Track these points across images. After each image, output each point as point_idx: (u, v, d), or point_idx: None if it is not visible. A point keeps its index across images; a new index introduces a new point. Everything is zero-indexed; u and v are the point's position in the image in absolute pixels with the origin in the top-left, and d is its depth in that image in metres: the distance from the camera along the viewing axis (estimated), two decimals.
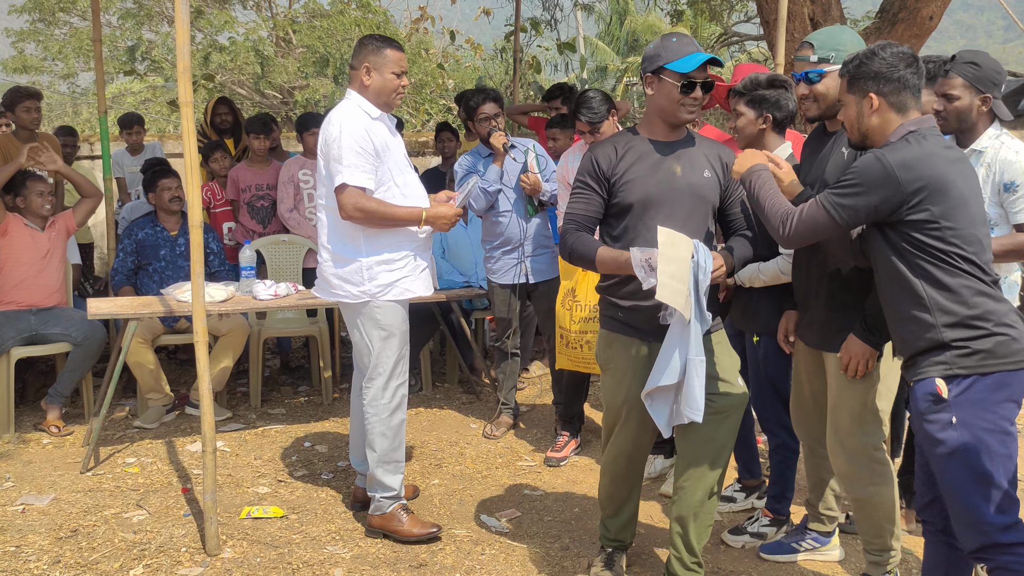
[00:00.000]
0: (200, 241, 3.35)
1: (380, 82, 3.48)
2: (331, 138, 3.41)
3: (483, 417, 5.22)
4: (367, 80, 3.48)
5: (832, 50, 2.97)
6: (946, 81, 3.24)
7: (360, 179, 3.38)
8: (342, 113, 3.47)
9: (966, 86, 3.20)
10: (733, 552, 3.57)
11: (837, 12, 6.84)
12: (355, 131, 3.39)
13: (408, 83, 3.55)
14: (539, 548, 3.57)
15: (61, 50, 17.04)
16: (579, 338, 4.30)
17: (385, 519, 3.60)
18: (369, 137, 3.42)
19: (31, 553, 3.41)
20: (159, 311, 4.34)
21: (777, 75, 3.49)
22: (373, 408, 3.57)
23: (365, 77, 3.48)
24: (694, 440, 2.99)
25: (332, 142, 3.40)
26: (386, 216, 3.47)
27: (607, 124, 4.25)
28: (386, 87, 3.49)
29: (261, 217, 5.93)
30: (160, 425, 4.94)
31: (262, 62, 15.82)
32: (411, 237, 3.56)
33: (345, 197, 3.38)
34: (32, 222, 4.98)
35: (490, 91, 4.86)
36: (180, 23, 3.16)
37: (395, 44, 3.52)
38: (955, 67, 3.22)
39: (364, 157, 3.40)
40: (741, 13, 13.47)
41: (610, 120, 4.27)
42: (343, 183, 3.37)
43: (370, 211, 3.41)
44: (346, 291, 3.52)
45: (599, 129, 4.25)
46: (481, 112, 4.73)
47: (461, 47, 16.60)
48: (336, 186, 3.40)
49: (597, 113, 4.22)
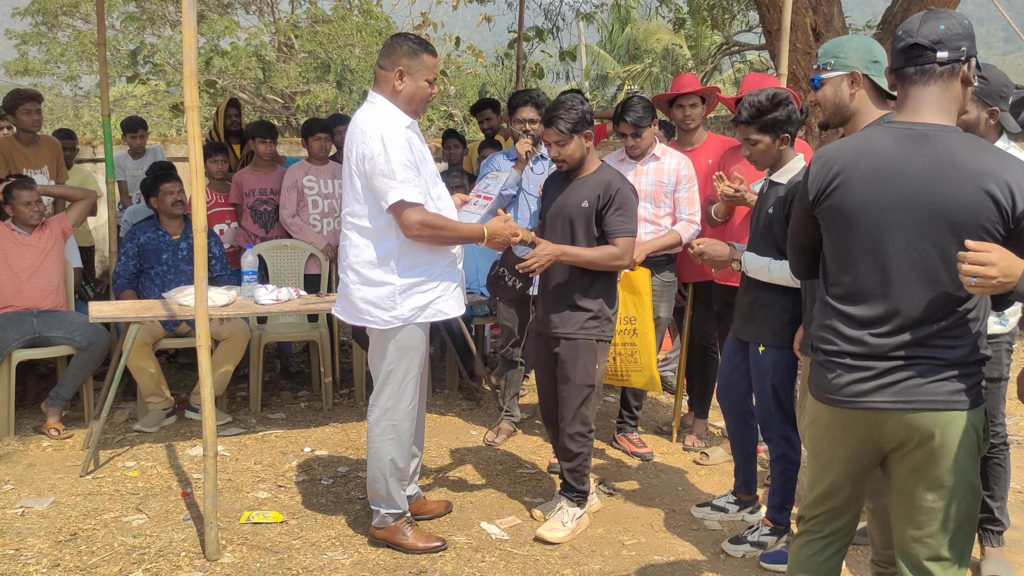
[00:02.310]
0: (204, 245, 3.32)
1: (413, 88, 3.31)
2: (374, 152, 3.20)
3: (483, 424, 5.22)
4: (399, 85, 3.30)
5: (832, 56, 2.96)
6: None
7: (416, 195, 3.21)
8: (379, 123, 3.25)
9: (973, 100, 3.18)
10: (733, 562, 3.57)
11: (839, 23, 6.87)
12: (400, 142, 3.21)
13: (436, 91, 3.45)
14: (539, 555, 3.56)
15: (64, 53, 17.06)
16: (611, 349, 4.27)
17: (389, 532, 3.56)
18: (411, 147, 3.26)
19: (30, 556, 3.40)
20: (161, 315, 4.34)
21: (776, 91, 3.47)
22: (382, 423, 3.46)
23: (397, 82, 3.29)
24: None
25: (377, 156, 3.19)
26: (452, 233, 3.33)
27: (648, 131, 4.40)
28: (418, 94, 3.32)
29: (264, 222, 5.93)
30: (160, 429, 4.93)
31: (264, 67, 15.83)
32: (443, 255, 3.40)
33: (408, 215, 3.20)
34: (20, 228, 4.97)
35: (535, 94, 4.79)
36: (187, 27, 3.16)
37: (431, 49, 3.35)
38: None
39: (413, 170, 3.23)
40: (743, 23, 13.51)
41: (651, 128, 4.41)
42: (401, 199, 3.18)
43: (438, 227, 3.26)
44: (374, 316, 3.35)
45: (641, 134, 4.38)
46: (519, 114, 4.71)
47: (463, 53, 16.64)
48: (392, 204, 3.20)
49: (643, 117, 4.35)
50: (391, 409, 3.44)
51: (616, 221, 3.59)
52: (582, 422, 3.71)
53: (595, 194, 3.61)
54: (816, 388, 2.30)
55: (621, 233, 3.59)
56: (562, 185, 3.75)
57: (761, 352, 3.55)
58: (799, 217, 2.33)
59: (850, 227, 2.18)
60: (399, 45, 3.31)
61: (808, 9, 6.63)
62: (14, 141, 5.72)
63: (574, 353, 3.67)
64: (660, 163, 4.48)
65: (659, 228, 4.49)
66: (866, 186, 2.14)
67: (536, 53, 13.09)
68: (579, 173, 3.71)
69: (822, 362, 2.26)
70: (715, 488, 4.32)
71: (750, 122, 3.43)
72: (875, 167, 2.14)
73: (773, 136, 3.44)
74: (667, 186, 4.46)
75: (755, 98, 3.44)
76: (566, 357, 3.69)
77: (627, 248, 3.60)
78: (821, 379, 2.27)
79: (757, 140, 3.45)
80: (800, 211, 2.32)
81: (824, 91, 2.95)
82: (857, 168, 2.16)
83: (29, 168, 5.64)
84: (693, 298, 4.79)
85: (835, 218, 2.20)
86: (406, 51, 3.30)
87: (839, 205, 2.18)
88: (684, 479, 4.44)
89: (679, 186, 4.47)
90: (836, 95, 2.88)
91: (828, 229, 2.24)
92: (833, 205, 2.19)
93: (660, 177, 4.46)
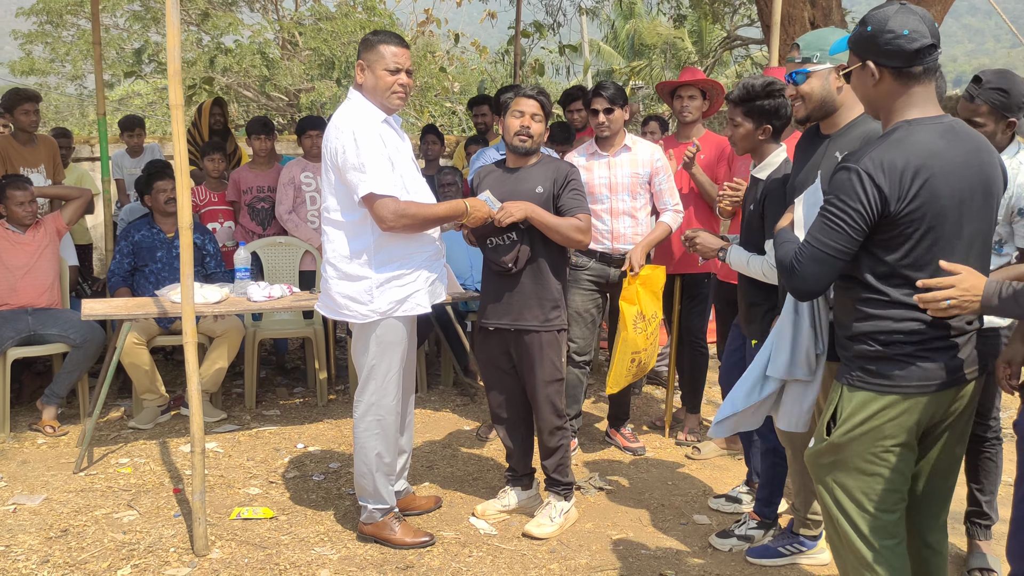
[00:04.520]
0: (190, 242, 3.35)
1: (373, 80, 3.31)
2: (344, 146, 3.21)
3: (477, 419, 5.23)
4: (360, 78, 3.33)
5: (817, 50, 2.93)
6: (971, 107, 3.14)
7: (388, 187, 3.20)
8: (349, 118, 3.28)
9: (990, 114, 3.13)
10: (720, 556, 3.57)
11: (838, 16, 6.84)
12: (370, 137, 3.22)
13: (409, 82, 3.37)
14: (527, 550, 3.57)
15: (68, 52, 17.15)
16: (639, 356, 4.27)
17: (377, 527, 3.58)
18: (383, 141, 3.27)
19: (20, 552, 3.43)
20: (153, 312, 4.36)
21: (773, 81, 3.42)
22: (367, 418, 3.47)
23: (360, 75, 3.33)
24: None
25: (348, 150, 3.21)
26: (429, 217, 3.33)
27: (619, 112, 4.37)
28: (379, 85, 3.30)
29: (261, 219, 5.95)
30: (155, 426, 4.96)
31: (268, 65, 15.87)
32: (422, 248, 3.42)
33: (380, 207, 3.20)
34: (14, 226, 5.00)
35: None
36: (171, 27, 3.18)
37: (392, 38, 3.33)
38: (982, 92, 3.12)
39: (385, 164, 3.23)
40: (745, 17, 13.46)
41: (623, 111, 4.38)
42: (371, 192, 3.19)
43: (412, 215, 3.25)
44: (353, 311, 3.37)
45: (612, 111, 4.35)
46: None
47: (466, 49, 16.64)
48: (363, 196, 3.21)
49: (616, 96, 4.34)
50: (376, 404, 3.45)
51: (575, 199, 3.62)
52: (557, 415, 3.69)
53: (549, 179, 3.62)
54: (900, 383, 2.28)
55: (582, 209, 3.62)
56: (505, 176, 3.71)
57: (754, 346, 3.56)
58: (854, 232, 2.24)
59: (941, 220, 2.23)
60: (362, 41, 3.37)
61: (806, 2, 6.60)
62: (11, 140, 5.74)
63: (539, 347, 3.63)
64: (632, 154, 4.45)
65: (637, 221, 4.46)
66: (950, 178, 2.22)
67: (537, 49, 13.07)
68: (524, 162, 3.70)
69: (908, 355, 2.27)
70: (708, 482, 4.32)
71: (738, 103, 3.42)
72: (944, 160, 2.21)
73: (756, 123, 3.41)
74: (642, 177, 4.43)
75: (752, 81, 3.42)
76: (532, 352, 3.64)
77: (589, 224, 3.63)
78: (909, 373, 2.28)
79: (740, 123, 3.44)
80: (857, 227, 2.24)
81: (811, 84, 2.91)
82: (933, 164, 2.21)
83: (26, 167, 5.66)
84: (681, 293, 4.78)
85: (925, 215, 2.22)
86: (365, 45, 3.35)
87: (931, 202, 2.21)
88: (676, 473, 4.44)
89: (656, 177, 4.45)
90: (823, 88, 2.87)
91: (913, 228, 2.24)
92: (925, 203, 2.21)
93: (635, 168, 4.43)
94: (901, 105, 2.30)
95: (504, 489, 3.95)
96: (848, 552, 2.42)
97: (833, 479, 2.41)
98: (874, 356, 2.30)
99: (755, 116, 3.40)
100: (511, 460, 3.93)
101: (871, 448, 2.34)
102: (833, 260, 2.27)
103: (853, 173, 2.22)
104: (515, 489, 3.93)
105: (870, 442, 2.33)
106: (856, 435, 2.33)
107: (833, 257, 2.26)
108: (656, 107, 15.99)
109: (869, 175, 2.20)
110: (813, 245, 2.28)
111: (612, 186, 4.42)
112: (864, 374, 2.32)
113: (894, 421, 2.31)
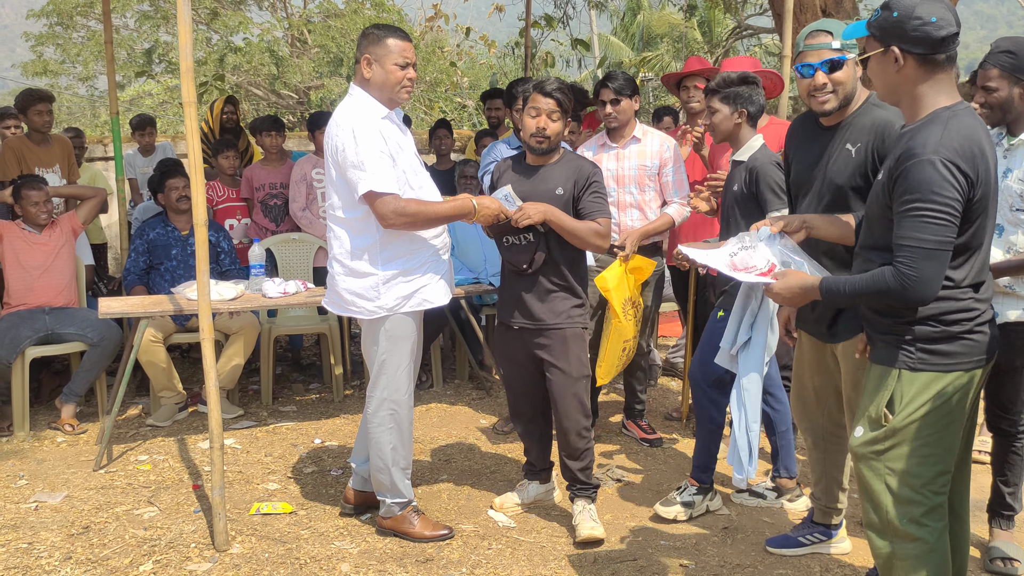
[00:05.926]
0: (205, 239, 3.35)
1: (382, 75, 3.27)
2: (345, 143, 3.20)
3: (493, 413, 5.23)
4: (367, 73, 3.28)
5: (851, 36, 2.92)
6: (983, 72, 3.18)
7: (388, 185, 3.18)
8: (350, 114, 3.25)
9: (1002, 76, 3.14)
10: (740, 546, 3.56)
11: (849, 3, 6.80)
12: (371, 133, 3.20)
13: (415, 75, 3.36)
14: (545, 543, 3.57)
15: (79, 53, 17.22)
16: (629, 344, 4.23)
17: (396, 521, 3.58)
18: (384, 138, 3.24)
19: (43, 550, 3.45)
20: (169, 310, 4.38)
21: (749, 74, 3.67)
22: (380, 413, 3.47)
23: (366, 70, 3.27)
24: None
25: (348, 147, 3.19)
26: (431, 216, 3.28)
27: (627, 103, 4.37)
28: (388, 80, 3.27)
29: (274, 216, 5.96)
30: (173, 423, 4.98)
31: (277, 62, 15.91)
32: (426, 245, 3.39)
33: (381, 205, 3.18)
34: (30, 226, 5.03)
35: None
36: (182, 24, 3.18)
37: (398, 32, 3.30)
38: (990, 57, 3.16)
39: (386, 161, 3.20)
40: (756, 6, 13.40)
41: (631, 101, 4.38)
42: (371, 190, 3.17)
43: (413, 213, 3.22)
44: (360, 307, 3.36)
45: (620, 102, 4.35)
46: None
47: (475, 44, 16.62)
48: (363, 194, 3.19)
49: (624, 86, 4.34)
50: (388, 399, 3.45)
51: (595, 202, 3.53)
52: (585, 415, 3.62)
53: (570, 180, 3.53)
54: (961, 360, 2.34)
55: (603, 214, 3.54)
56: (525, 174, 3.62)
57: (719, 317, 3.62)
58: (956, 220, 2.24)
59: (991, 203, 2.33)
60: (365, 35, 3.33)
61: None
62: (26, 140, 5.78)
63: (564, 344, 3.56)
64: (642, 145, 4.43)
65: (646, 213, 4.44)
66: (991, 162, 2.30)
67: (547, 42, 13.04)
68: (545, 160, 3.61)
69: (966, 332, 2.35)
70: (727, 473, 4.30)
71: (715, 91, 3.66)
72: (987, 145, 2.28)
73: (732, 108, 3.64)
74: (651, 169, 4.41)
75: (729, 74, 3.68)
76: (556, 349, 3.56)
77: (609, 228, 3.55)
78: (970, 347, 2.35)
79: (717, 109, 3.67)
80: (958, 215, 2.24)
81: (846, 72, 2.91)
82: (986, 148, 2.27)
83: (41, 167, 5.69)
84: (696, 284, 4.77)
85: (984, 197, 2.29)
86: (371, 39, 3.30)
87: (987, 185, 2.29)
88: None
89: (664, 169, 4.43)
90: (854, 77, 2.92)
91: (977, 212, 2.29)
92: (985, 187, 2.28)
93: (643, 160, 4.41)
94: (928, 91, 2.31)
95: (522, 482, 3.94)
96: (898, 539, 2.41)
97: (886, 465, 2.40)
98: (938, 337, 2.34)
99: (730, 101, 3.64)
100: (529, 455, 3.92)
101: (934, 428, 2.36)
102: (944, 254, 2.25)
103: (938, 165, 2.20)
104: (533, 483, 3.92)
105: (934, 421, 2.35)
106: (919, 416, 2.35)
107: (944, 251, 2.25)
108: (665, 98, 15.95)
109: (954, 164, 2.20)
110: (921, 247, 2.23)
111: (619, 178, 4.42)
112: (927, 355, 2.35)
113: (957, 397, 2.35)
